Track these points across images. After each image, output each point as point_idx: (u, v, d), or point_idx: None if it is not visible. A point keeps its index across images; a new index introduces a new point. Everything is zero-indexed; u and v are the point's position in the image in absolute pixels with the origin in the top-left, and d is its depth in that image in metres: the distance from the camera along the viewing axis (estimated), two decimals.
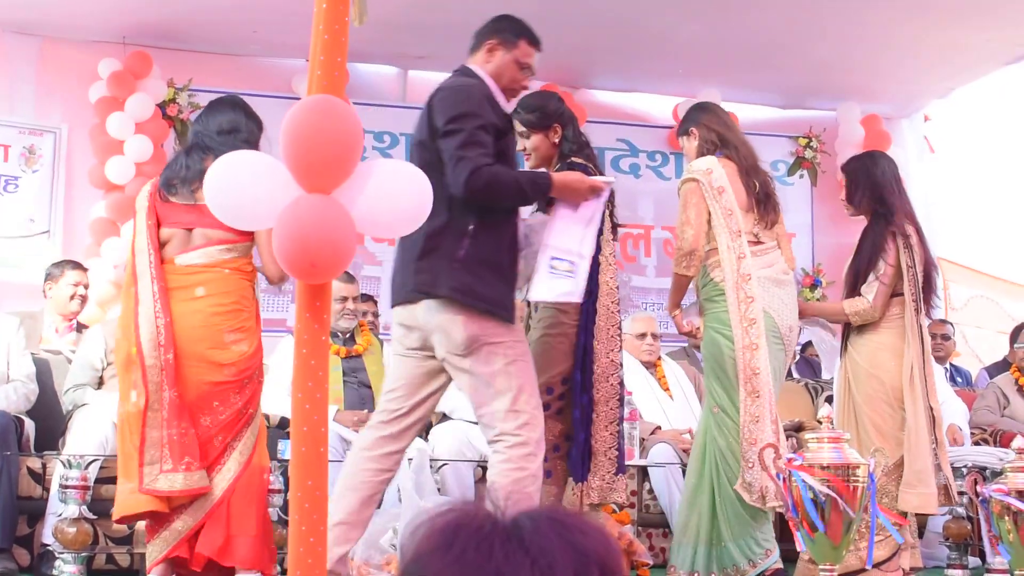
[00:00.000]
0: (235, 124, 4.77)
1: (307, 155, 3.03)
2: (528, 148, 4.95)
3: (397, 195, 3.22)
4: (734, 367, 4.97)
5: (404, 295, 4.29)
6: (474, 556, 1.20)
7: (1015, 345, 7.64)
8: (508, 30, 4.57)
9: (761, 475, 4.70)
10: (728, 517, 4.94)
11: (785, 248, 5.30)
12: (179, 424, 4.40)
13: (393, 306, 4.38)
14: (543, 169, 4.81)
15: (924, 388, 5.29)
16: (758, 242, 5.13)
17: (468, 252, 4.16)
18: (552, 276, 4.39)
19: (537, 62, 4.61)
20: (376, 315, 7.47)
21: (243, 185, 3.18)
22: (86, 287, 6.91)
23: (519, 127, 4.88)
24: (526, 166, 4.93)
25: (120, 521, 4.65)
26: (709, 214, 5.07)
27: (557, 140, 4.92)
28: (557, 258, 4.38)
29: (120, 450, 4.51)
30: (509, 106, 4.59)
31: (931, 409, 5.30)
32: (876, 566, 5.06)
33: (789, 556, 5.11)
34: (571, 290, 4.41)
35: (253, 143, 4.73)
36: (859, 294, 5.42)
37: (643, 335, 6.88)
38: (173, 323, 4.48)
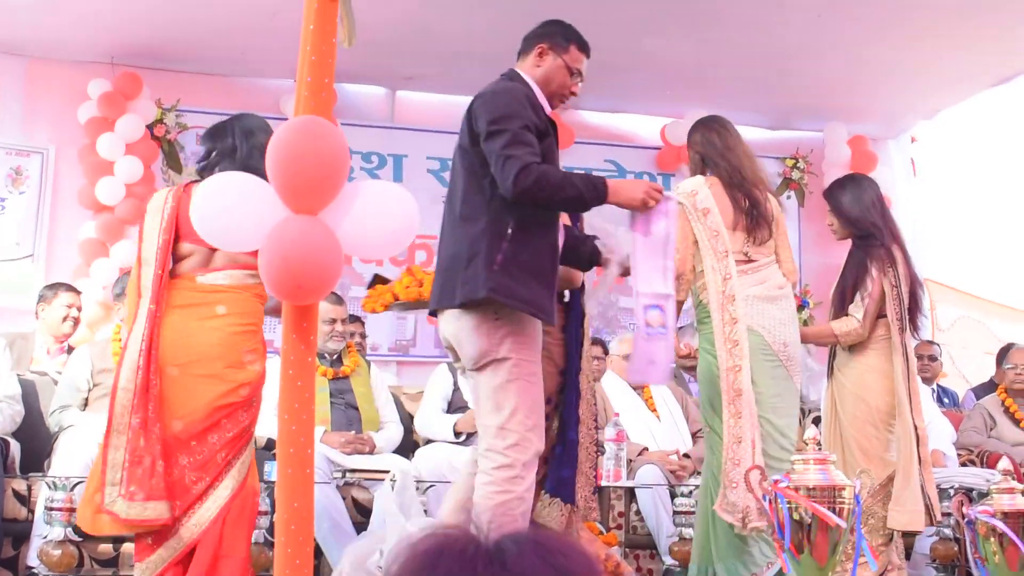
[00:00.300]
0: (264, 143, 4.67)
1: (294, 176, 3.04)
2: None
3: (384, 216, 3.22)
4: (720, 387, 4.96)
5: (437, 304, 4.27)
6: None
7: (1003, 366, 7.65)
8: (559, 34, 4.52)
9: (744, 496, 4.70)
10: (717, 537, 4.94)
11: (785, 261, 5.21)
12: (144, 453, 4.34)
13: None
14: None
15: (910, 407, 5.31)
16: (748, 260, 5.09)
17: (507, 256, 4.08)
18: (648, 340, 4.38)
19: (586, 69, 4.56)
20: (364, 336, 7.46)
21: (230, 206, 3.19)
22: (79, 309, 6.91)
23: None
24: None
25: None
26: (695, 236, 5.05)
27: None
28: (650, 306, 4.37)
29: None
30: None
31: (915, 428, 5.31)
32: None
33: None
34: (667, 358, 4.48)
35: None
36: (847, 315, 5.45)
37: (627, 356, 6.87)
38: (158, 347, 4.43)
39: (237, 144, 4.60)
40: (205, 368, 4.45)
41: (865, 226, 5.51)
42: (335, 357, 6.39)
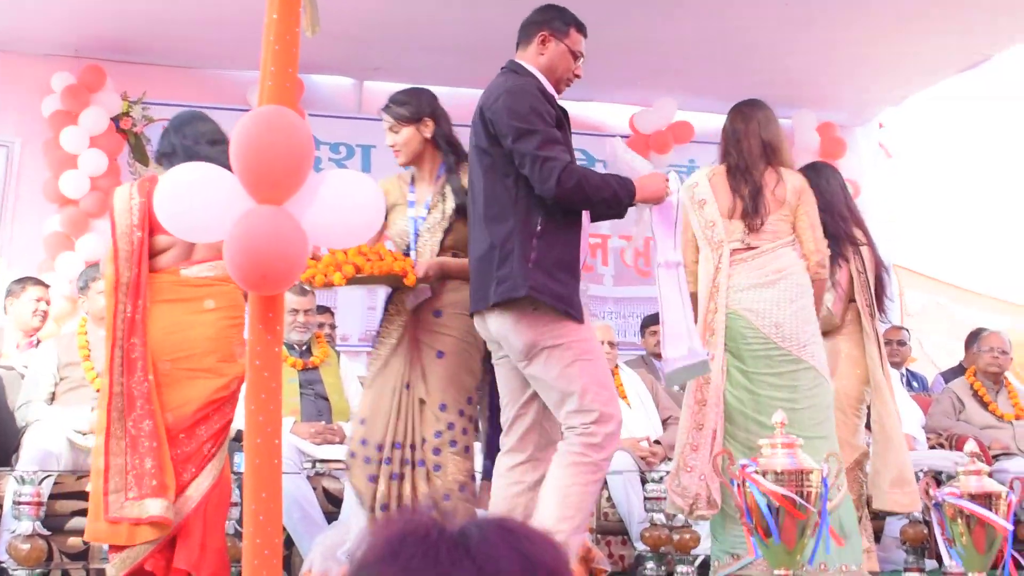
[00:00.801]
0: (220, 136, 4.66)
1: (258, 166, 3.02)
2: (398, 143, 4.79)
3: (349, 205, 3.21)
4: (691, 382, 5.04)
5: (475, 305, 4.30)
6: (420, 564, 1.20)
7: (980, 349, 7.69)
8: (558, 19, 4.54)
9: (696, 483, 4.76)
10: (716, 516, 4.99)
11: (806, 241, 5.14)
12: (146, 454, 4.34)
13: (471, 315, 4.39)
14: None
15: (890, 389, 5.35)
16: (748, 248, 5.12)
17: (539, 253, 4.13)
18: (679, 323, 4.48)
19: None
20: (333, 327, 7.44)
21: (194, 197, 3.17)
22: (47, 303, 6.86)
23: (388, 120, 4.78)
24: (397, 163, 4.87)
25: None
26: (692, 228, 5.15)
27: (429, 135, 4.78)
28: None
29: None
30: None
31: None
32: None
33: None
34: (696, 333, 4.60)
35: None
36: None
37: (599, 343, 6.87)
38: (146, 346, 4.42)
39: (175, 142, 4.61)
40: (198, 363, 4.46)
41: (831, 204, 5.51)
42: (304, 348, 6.38)
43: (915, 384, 8.68)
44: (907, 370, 8.72)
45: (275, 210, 3.05)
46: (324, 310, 7.29)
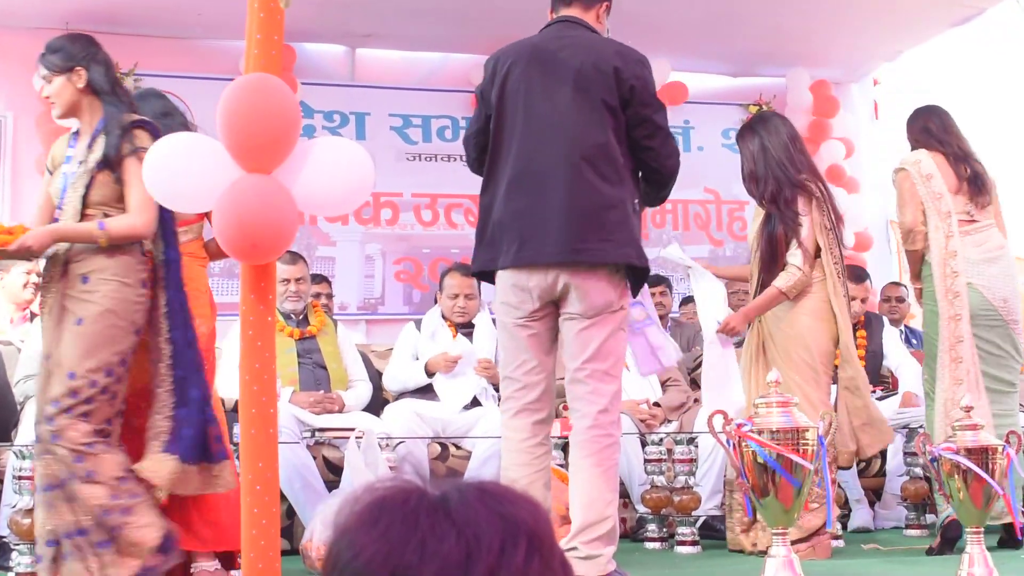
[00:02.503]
0: (167, 109, 4.73)
1: (245, 135, 3.01)
2: (51, 94, 4.36)
3: (338, 173, 3.20)
4: (940, 335, 5.46)
5: (556, 256, 4.23)
6: (400, 529, 1.19)
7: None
8: None
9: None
10: None
11: (1000, 225, 5.72)
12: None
13: (517, 268, 4.29)
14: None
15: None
16: (971, 220, 5.62)
17: (638, 226, 4.36)
18: (639, 334, 4.87)
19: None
20: (330, 296, 7.44)
21: (182, 167, 3.16)
22: (39, 275, 6.83)
23: (42, 71, 4.38)
24: (53, 115, 4.47)
25: None
26: (920, 197, 5.60)
27: (82, 86, 4.33)
28: (633, 303, 4.66)
29: None
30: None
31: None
32: (814, 535, 5.10)
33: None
34: (664, 339, 5.16)
35: (188, 128, 4.68)
36: (784, 266, 5.34)
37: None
38: None
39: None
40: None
41: (787, 155, 5.42)
42: (301, 317, 6.38)
43: (914, 341, 8.67)
44: (906, 327, 8.70)
45: (264, 178, 3.04)
46: (321, 279, 7.29)
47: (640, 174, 4.46)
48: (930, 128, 5.82)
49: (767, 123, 5.52)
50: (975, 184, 5.64)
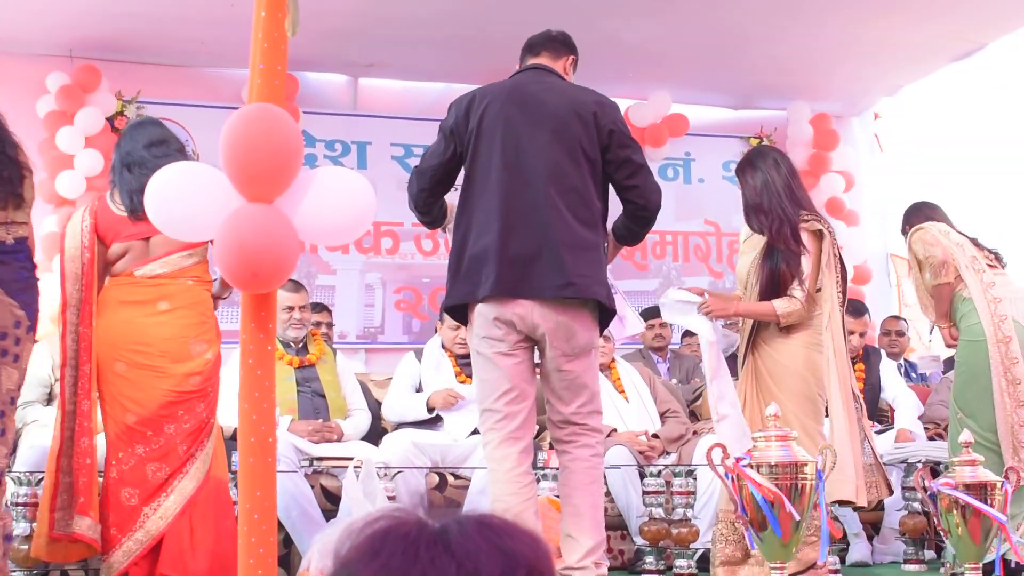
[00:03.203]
0: (163, 137, 4.80)
1: (247, 164, 3.01)
2: None
3: (340, 202, 3.20)
4: (987, 362, 5.53)
5: (538, 292, 4.30)
6: (400, 561, 1.20)
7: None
8: (575, 50, 4.82)
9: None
10: None
11: None
12: (80, 466, 4.44)
13: (499, 297, 4.33)
14: None
15: (850, 376, 5.19)
16: (992, 266, 5.80)
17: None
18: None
19: None
20: (330, 325, 7.45)
21: (184, 196, 3.16)
22: None
23: None
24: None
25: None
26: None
27: None
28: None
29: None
30: None
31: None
32: (811, 567, 5.04)
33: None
34: (627, 310, 5.13)
35: (184, 155, 4.76)
36: (786, 295, 5.19)
37: None
38: (92, 362, 4.51)
39: (114, 158, 4.76)
40: (152, 361, 4.51)
41: (789, 189, 5.34)
42: (300, 345, 6.38)
43: (913, 375, 8.67)
44: (905, 360, 8.71)
45: (265, 208, 3.04)
46: (321, 308, 7.29)
47: (623, 213, 4.61)
48: (933, 216, 6.02)
49: (766, 158, 5.40)
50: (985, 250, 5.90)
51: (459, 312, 4.51)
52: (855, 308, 7.21)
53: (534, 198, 4.30)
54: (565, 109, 4.41)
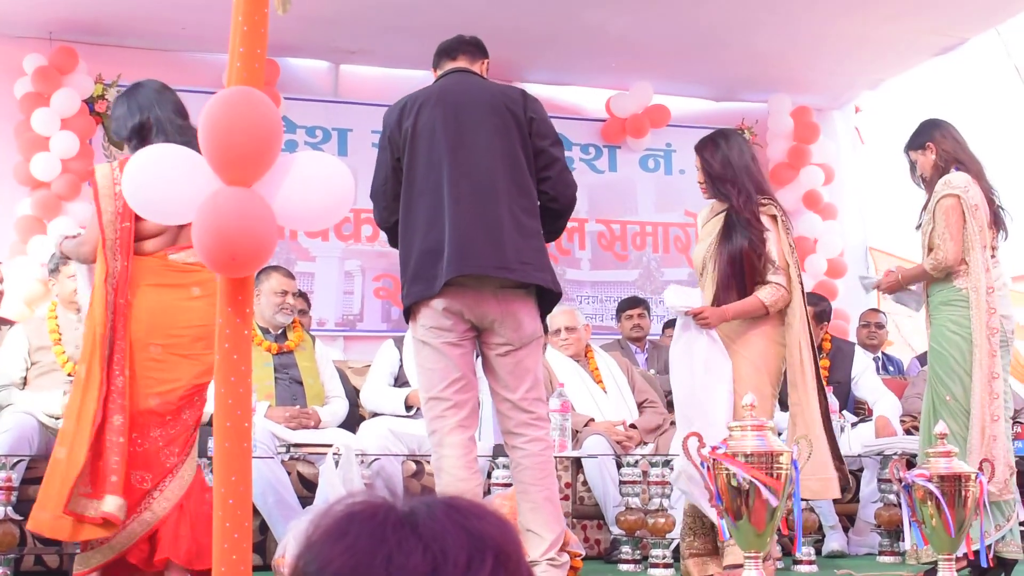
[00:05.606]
0: (184, 109, 4.70)
1: (226, 147, 3.00)
2: None
3: (319, 187, 3.19)
4: (969, 369, 5.35)
5: (486, 270, 4.35)
6: (366, 543, 1.20)
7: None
8: (488, 54, 4.81)
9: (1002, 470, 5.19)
10: None
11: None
12: (113, 445, 4.35)
13: (449, 289, 4.36)
14: None
15: (815, 371, 5.05)
16: (993, 254, 5.54)
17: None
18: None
19: None
20: (304, 312, 7.42)
21: (162, 179, 3.15)
22: (1, 280, 6.72)
23: None
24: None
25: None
26: (968, 230, 5.41)
27: None
28: None
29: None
30: None
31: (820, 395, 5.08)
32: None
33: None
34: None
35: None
36: (763, 283, 5.05)
37: (557, 331, 6.84)
38: (128, 338, 4.41)
39: (159, 115, 4.60)
40: (187, 348, 4.46)
41: (749, 174, 5.22)
42: (279, 332, 6.36)
43: (891, 368, 8.70)
44: (883, 353, 8.74)
45: (243, 191, 3.03)
46: (300, 295, 7.27)
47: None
48: (959, 141, 5.63)
49: (729, 139, 5.32)
50: (995, 213, 5.57)
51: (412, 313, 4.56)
52: (817, 315, 7.05)
53: (476, 190, 4.38)
54: (496, 104, 4.50)
